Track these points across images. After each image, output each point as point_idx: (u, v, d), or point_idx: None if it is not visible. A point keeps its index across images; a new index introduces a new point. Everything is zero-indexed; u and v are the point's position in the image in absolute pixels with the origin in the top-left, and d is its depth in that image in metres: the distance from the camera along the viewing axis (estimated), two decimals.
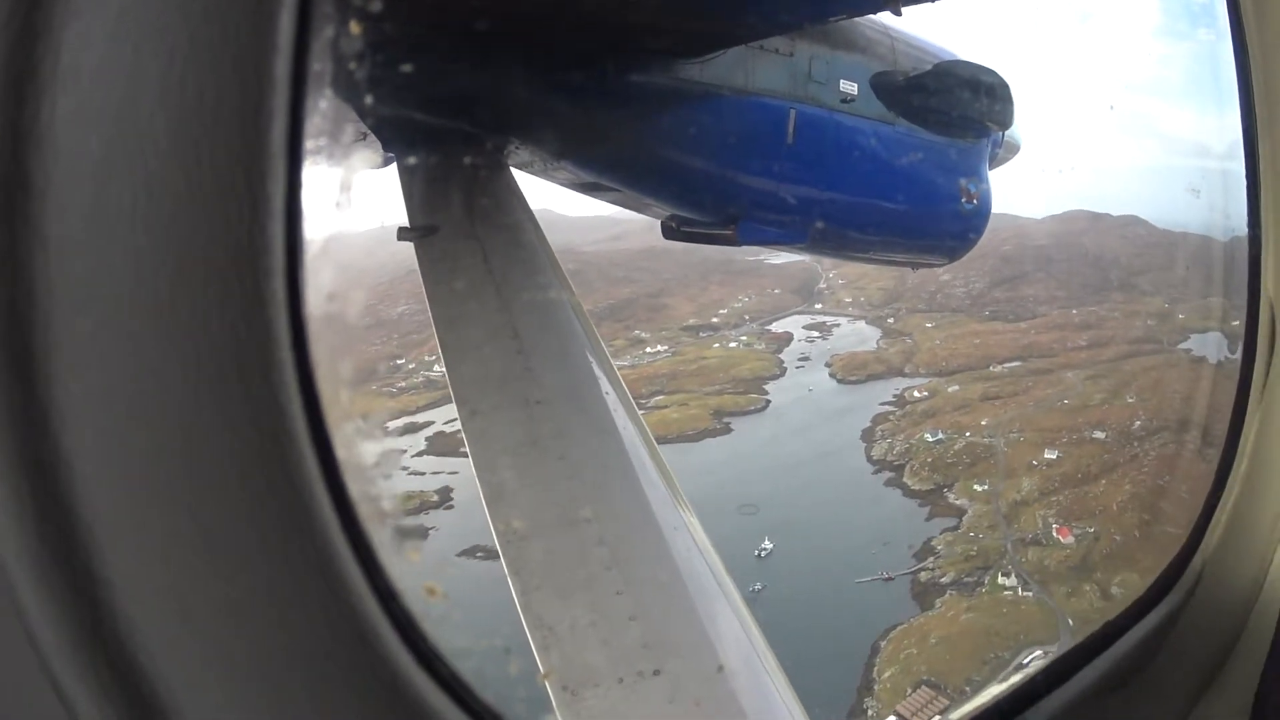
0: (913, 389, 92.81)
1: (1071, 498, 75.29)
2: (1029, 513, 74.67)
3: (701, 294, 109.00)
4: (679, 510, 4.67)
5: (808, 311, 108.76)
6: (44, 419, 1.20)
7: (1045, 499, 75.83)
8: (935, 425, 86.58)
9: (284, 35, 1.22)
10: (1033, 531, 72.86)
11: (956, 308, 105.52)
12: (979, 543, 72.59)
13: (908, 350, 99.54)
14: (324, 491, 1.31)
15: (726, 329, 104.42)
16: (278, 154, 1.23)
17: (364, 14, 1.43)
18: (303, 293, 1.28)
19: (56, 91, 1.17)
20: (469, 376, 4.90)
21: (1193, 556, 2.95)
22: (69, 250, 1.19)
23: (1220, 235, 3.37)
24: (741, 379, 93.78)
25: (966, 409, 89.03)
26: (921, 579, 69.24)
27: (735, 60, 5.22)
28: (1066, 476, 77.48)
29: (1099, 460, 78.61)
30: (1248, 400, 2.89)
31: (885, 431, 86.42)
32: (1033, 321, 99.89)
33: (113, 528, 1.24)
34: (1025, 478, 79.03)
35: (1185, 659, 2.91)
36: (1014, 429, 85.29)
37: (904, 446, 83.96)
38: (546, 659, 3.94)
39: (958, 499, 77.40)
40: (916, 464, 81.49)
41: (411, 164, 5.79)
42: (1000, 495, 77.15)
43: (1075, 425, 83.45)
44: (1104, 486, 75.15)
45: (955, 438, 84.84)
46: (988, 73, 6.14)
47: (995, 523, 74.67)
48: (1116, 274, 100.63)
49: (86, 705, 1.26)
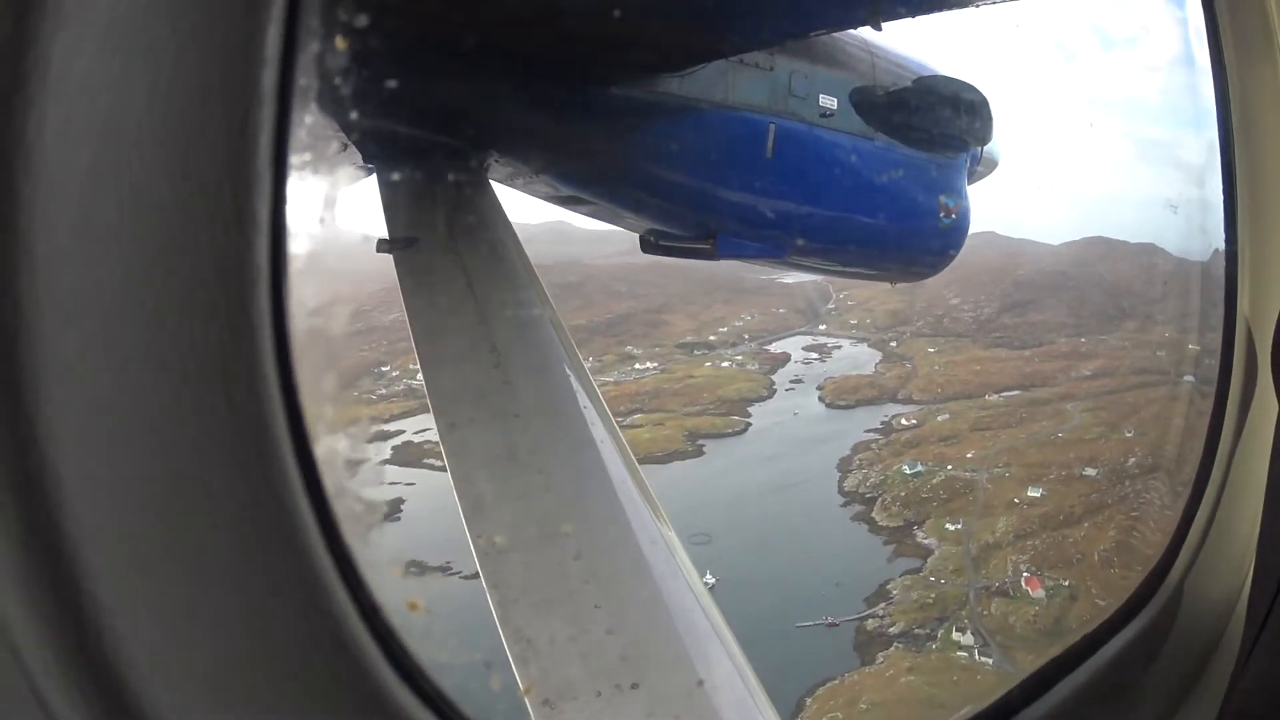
0: (902, 416, 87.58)
1: (1049, 543, 68.66)
2: (1000, 557, 67.93)
3: (704, 311, 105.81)
4: (657, 524, 4.66)
5: (811, 332, 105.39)
6: (30, 431, 1.19)
7: (1020, 542, 69.19)
8: (917, 456, 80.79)
9: (271, 49, 1.23)
10: (1001, 579, 65.94)
11: (962, 333, 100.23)
12: (939, 590, 65.35)
13: (905, 375, 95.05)
14: (307, 505, 1.31)
15: (723, 347, 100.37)
16: (264, 167, 1.24)
17: (349, 28, 1.44)
18: (287, 306, 1.28)
19: (45, 102, 1.17)
20: (447, 389, 4.89)
21: (1170, 569, 2.98)
22: (56, 262, 1.18)
23: None
24: (727, 400, 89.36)
25: (954, 440, 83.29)
26: (868, 627, 61.80)
27: (715, 75, 5.25)
28: (1047, 518, 70.86)
29: (1085, 501, 71.58)
30: (1224, 415, 2.92)
31: (864, 461, 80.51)
32: (1038, 349, 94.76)
33: (97, 541, 1.23)
34: (1003, 517, 72.24)
35: (1162, 671, 2.93)
36: (1000, 463, 79.16)
37: (879, 478, 77.81)
38: (525, 672, 3.92)
39: (926, 538, 70.98)
40: (889, 498, 75.31)
41: (391, 176, 5.80)
42: (973, 536, 70.69)
43: (1066, 460, 77.26)
44: (1086, 531, 68.45)
45: (935, 470, 78.60)
46: (967, 88, 6.20)
47: (962, 567, 67.91)
48: (1130, 302, 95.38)
49: (70, 718, 1.25)
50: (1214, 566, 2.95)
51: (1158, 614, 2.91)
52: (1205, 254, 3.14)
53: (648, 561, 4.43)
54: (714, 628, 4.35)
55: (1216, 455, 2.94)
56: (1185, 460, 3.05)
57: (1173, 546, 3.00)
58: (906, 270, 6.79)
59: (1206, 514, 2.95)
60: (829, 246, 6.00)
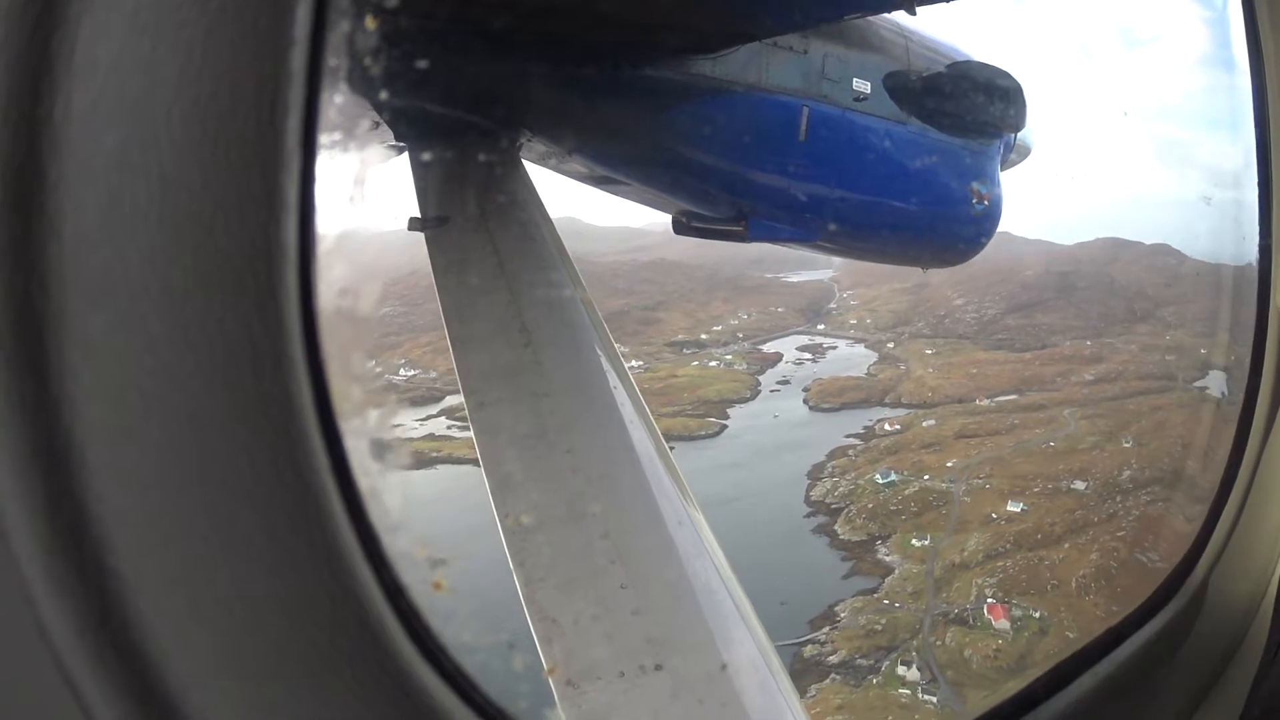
0: (886, 421, 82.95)
1: (1022, 565, 62.57)
2: (965, 580, 62.30)
3: (701, 309, 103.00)
4: (685, 506, 4.66)
5: (808, 332, 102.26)
6: (56, 412, 1.21)
7: (990, 563, 63.32)
8: (894, 464, 76.04)
9: (301, 29, 1.23)
10: (962, 605, 60.16)
11: (963, 334, 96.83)
12: (892, 615, 59.51)
13: (897, 378, 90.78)
14: (333, 486, 1.31)
15: (714, 346, 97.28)
16: (293, 148, 1.23)
17: (380, 8, 1.43)
18: (315, 287, 1.28)
19: (72, 85, 1.18)
20: (477, 368, 4.90)
21: (1195, 565, 2.95)
22: (83, 244, 1.19)
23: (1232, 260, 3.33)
24: (706, 401, 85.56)
25: (936, 447, 78.52)
26: (806, 654, 55.65)
27: (749, 57, 5.22)
28: (1024, 536, 65.27)
29: (1068, 518, 66.38)
30: (1253, 412, 2.89)
31: (838, 468, 75.64)
32: (1040, 352, 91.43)
33: (123, 520, 1.24)
34: (976, 534, 66.59)
35: (1184, 668, 2.91)
36: (982, 473, 73.97)
37: (850, 487, 72.86)
38: (549, 651, 3.94)
39: (889, 555, 65.76)
40: (855, 509, 70.28)
41: (423, 155, 5.80)
42: (939, 554, 65.07)
43: (1054, 472, 72.36)
44: (1066, 553, 63.01)
45: (910, 480, 73.77)
46: (1002, 75, 6.13)
47: (922, 589, 62.06)
48: (1140, 304, 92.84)
49: (96, 696, 1.26)
50: (1239, 564, 2.92)
51: (1181, 610, 2.90)
52: (1223, 256, 3.10)
53: (674, 543, 4.44)
54: (739, 610, 4.36)
55: (1245, 453, 2.91)
56: (1185, 472, 3.02)
57: (1198, 543, 2.97)
58: (938, 257, 6.75)
59: (1233, 511, 2.92)
60: (860, 231, 5.97)
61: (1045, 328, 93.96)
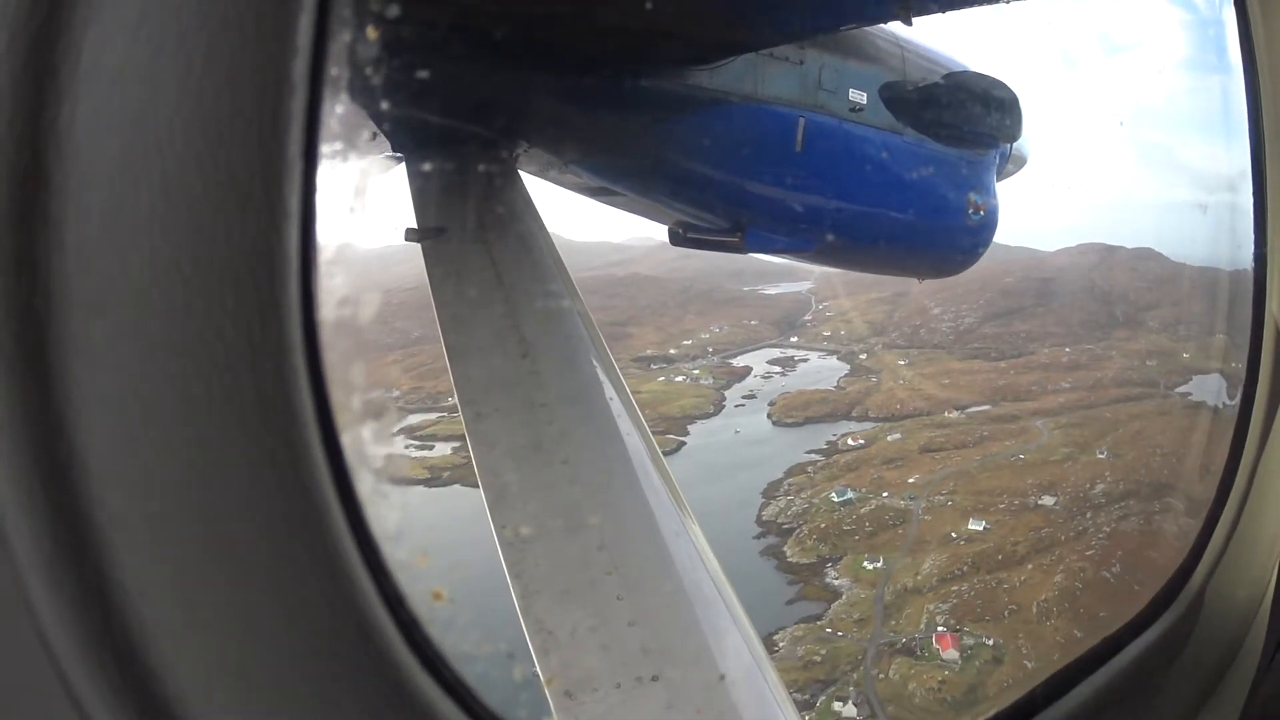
0: (850, 436, 77.13)
1: (979, 589, 57.35)
2: (917, 605, 57.09)
3: (673, 324, 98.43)
4: (681, 517, 4.66)
5: (781, 345, 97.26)
6: (59, 420, 1.20)
7: (944, 587, 58.12)
8: (854, 481, 70.43)
9: (303, 38, 1.23)
10: (910, 634, 54.88)
11: (939, 344, 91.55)
12: (834, 644, 54.37)
13: (866, 390, 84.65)
14: (333, 494, 1.31)
15: (683, 361, 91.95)
16: (294, 157, 1.24)
17: (380, 17, 1.44)
18: (316, 296, 1.29)
19: (76, 92, 1.18)
20: (474, 378, 4.90)
21: (1192, 572, 2.96)
22: (87, 251, 1.19)
23: (1227, 264, 3.35)
24: (668, 417, 78.81)
25: (899, 463, 72.81)
26: None
27: (745, 68, 5.24)
28: (983, 557, 60.03)
29: (1033, 537, 61.25)
30: (1250, 418, 2.90)
31: (794, 486, 70.18)
32: (1016, 360, 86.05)
33: (124, 529, 1.24)
34: (933, 555, 61.35)
35: (1183, 675, 2.92)
36: (945, 489, 68.71)
37: (804, 506, 67.52)
38: (546, 663, 3.94)
39: (838, 578, 60.16)
40: (807, 530, 64.79)
41: (420, 165, 5.81)
42: (891, 578, 59.78)
43: (1022, 487, 66.96)
44: (1028, 574, 57.87)
45: (868, 498, 68.29)
46: (997, 85, 6.16)
47: (870, 616, 56.59)
48: (1123, 309, 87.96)
49: (96, 705, 1.26)
50: (1237, 570, 2.92)
51: (1180, 617, 2.90)
52: (1206, 259, 3.10)
53: (671, 554, 4.44)
54: (736, 622, 4.36)
55: (1242, 458, 2.91)
56: (1164, 482, 3.02)
57: (1196, 550, 2.97)
58: (935, 267, 6.77)
59: (1230, 518, 2.92)
60: (857, 241, 5.98)
61: (1023, 335, 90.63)
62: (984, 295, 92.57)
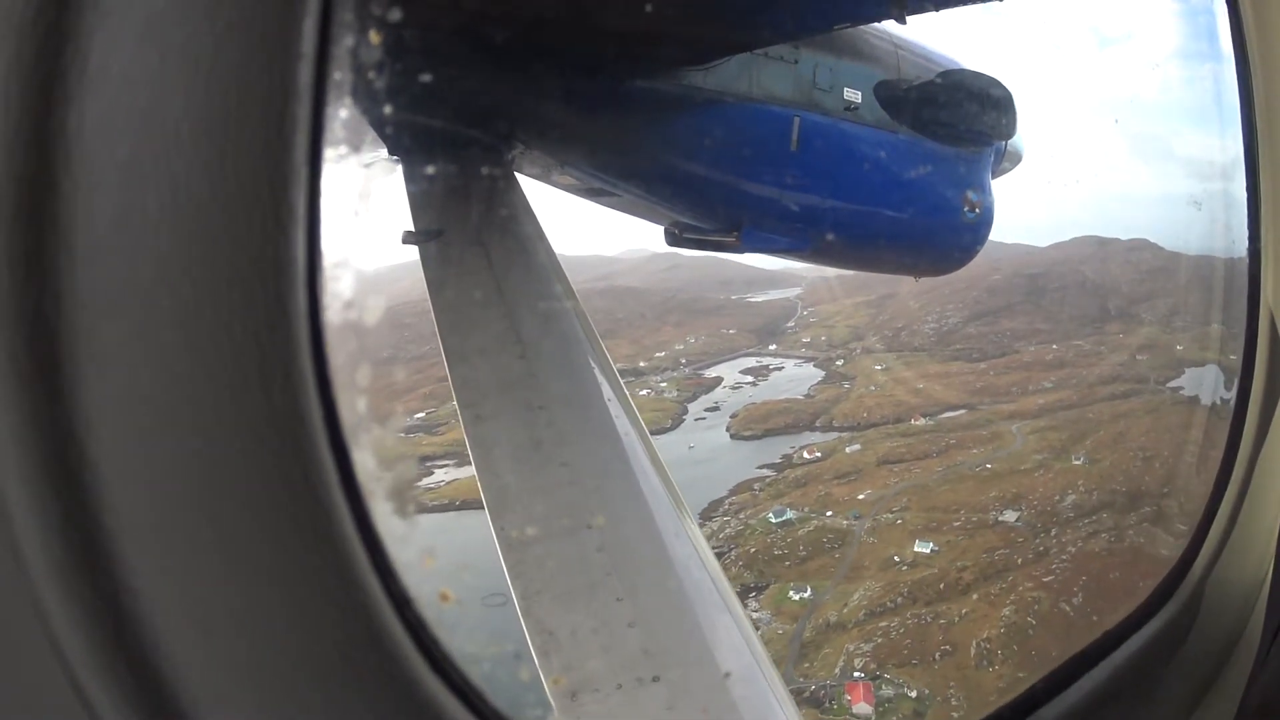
0: (806, 449, 70.03)
1: (911, 625, 49.87)
2: (837, 644, 49.15)
3: (649, 335, 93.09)
4: (680, 518, 4.67)
5: (758, 353, 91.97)
6: (68, 424, 1.21)
7: (871, 623, 50.38)
8: (799, 499, 63.11)
9: (308, 43, 1.23)
10: (822, 680, 46.98)
11: (920, 346, 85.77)
12: None
13: (835, 399, 77.93)
14: (341, 498, 1.31)
15: (652, 374, 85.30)
16: (300, 161, 1.24)
17: (382, 23, 1.44)
18: (322, 300, 1.29)
19: (84, 97, 1.18)
20: (472, 381, 4.90)
21: (1191, 566, 2.96)
22: (94, 255, 1.20)
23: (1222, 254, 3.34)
24: None
25: (852, 477, 65.72)
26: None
27: (740, 67, 5.25)
28: (923, 586, 52.69)
29: (985, 560, 53.64)
30: (1246, 411, 2.91)
31: (736, 505, 62.81)
32: (998, 360, 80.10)
33: (135, 533, 1.25)
34: (868, 583, 53.83)
35: (1182, 668, 2.92)
36: (897, 506, 61.61)
37: (739, 528, 60.13)
38: (547, 664, 3.93)
39: (759, 611, 52.03)
40: (736, 555, 56.98)
41: (418, 168, 5.81)
42: (817, 610, 52.07)
43: (983, 501, 59.93)
44: (972, 606, 50.36)
45: (810, 518, 60.83)
46: (992, 82, 6.17)
47: (784, 657, 47.63)
48: (1114, 303, 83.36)
49: (108, 709, 1.27)
50: (1235, 564, 2.93)
51: (1178, 611, 2.91)
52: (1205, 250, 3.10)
53: (670, 555, 4.44)
54: (736, 622, 4.37)
55: (1239, 452, 2.92)
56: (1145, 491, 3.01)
57: (1194, 543, 2.98)
58: (931, 265, 6.78)
59: (1228, 511, 2.92)
60: (853, 240, 5.99)
61: (1009, 334, 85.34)
62: (970, 293, 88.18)
